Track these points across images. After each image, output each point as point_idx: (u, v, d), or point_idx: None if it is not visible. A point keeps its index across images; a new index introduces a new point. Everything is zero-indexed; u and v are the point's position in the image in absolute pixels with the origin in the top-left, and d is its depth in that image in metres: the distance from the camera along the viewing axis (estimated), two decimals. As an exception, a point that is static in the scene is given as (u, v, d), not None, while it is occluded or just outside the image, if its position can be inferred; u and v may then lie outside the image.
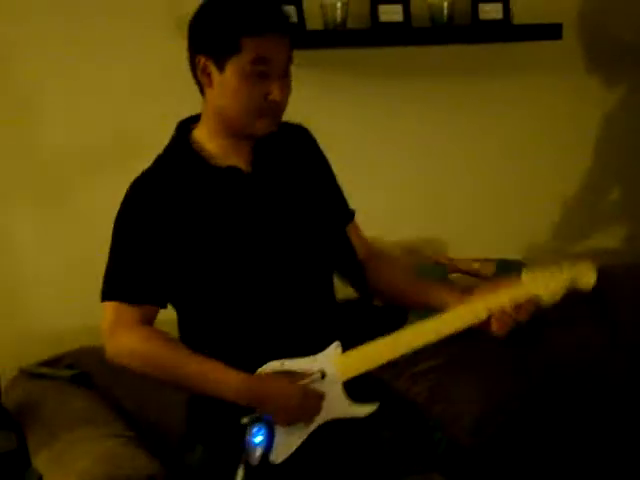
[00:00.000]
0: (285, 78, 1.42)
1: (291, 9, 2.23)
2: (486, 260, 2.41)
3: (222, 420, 1.48)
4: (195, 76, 1.44)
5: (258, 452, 1.46)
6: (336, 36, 2.30)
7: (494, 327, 1.46)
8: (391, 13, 2.38)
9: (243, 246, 1.47)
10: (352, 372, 1.49)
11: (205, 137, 1.47)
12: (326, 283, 1.58)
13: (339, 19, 2.27)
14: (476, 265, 2.37)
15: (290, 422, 1.44)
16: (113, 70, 2.26)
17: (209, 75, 1.41)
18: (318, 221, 1.56)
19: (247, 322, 1.48)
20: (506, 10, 2.42)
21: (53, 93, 2.22)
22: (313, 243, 1.54)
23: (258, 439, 1.45)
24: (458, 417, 2.22)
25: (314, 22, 2.30)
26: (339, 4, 2.26)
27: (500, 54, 2.58)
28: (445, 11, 2.37)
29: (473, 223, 2.69)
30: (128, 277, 1.44)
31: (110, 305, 1.43)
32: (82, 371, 2.08)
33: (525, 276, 1.50)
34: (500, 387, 2.26)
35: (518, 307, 1.46)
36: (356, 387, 1.50)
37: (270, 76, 1.39)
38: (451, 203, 2.67)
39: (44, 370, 2.10)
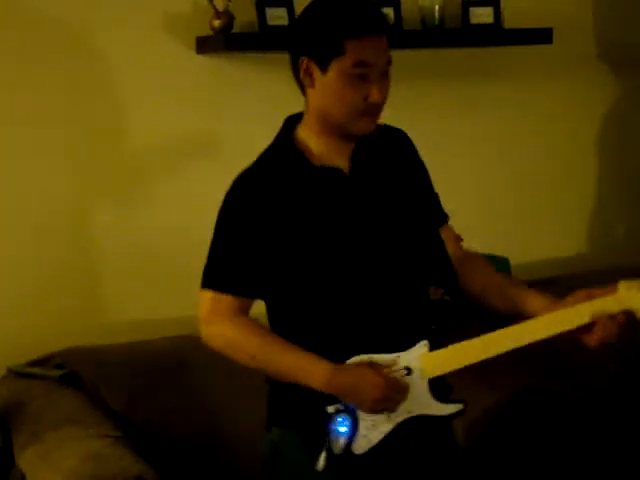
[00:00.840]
0: (384, 80, 1.45)
1: (282, 12, 2.23)
2: None
3: (306, 407, 1.51)
4: (297, 77, 1.46)
5: (342, 442, 1.48)
6: None
7: (595, 335, 1.43)
8: None
9: (338, 246, 1.50)
10: (438, 371, 1.50)
11: (308, 136, 1.50)
12: (419, 285, 1.60)
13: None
14: None
15: (375, 410, 1.46)
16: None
17: (311, 76, 1.43)
18: (413, 224, 1.58)
19: (336, 319, 1.52)
20: (497, 14, 2.45)
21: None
22: (407, 245, 1.56)
23: (342, 429, 1.48)
24: None
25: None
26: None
27: (491, 58, 2.61)
28: (436, 14, 2.39)
29: (462, 223, 2.66)
30: (227, 268, 1.49)
31: (208, 294, 1.48)
32: (71, 371, 2.07)
33: (622, 287, 1.45)
34: (489, 390, 2.25)
35: (613, 318, 1.43)
36: (440, 386, 1.52)
37: (370, 78, 1.42)
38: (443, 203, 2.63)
39: (33, 370, 2.10)
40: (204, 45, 2.24)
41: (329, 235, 1.51)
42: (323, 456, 1.48)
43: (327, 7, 1.48)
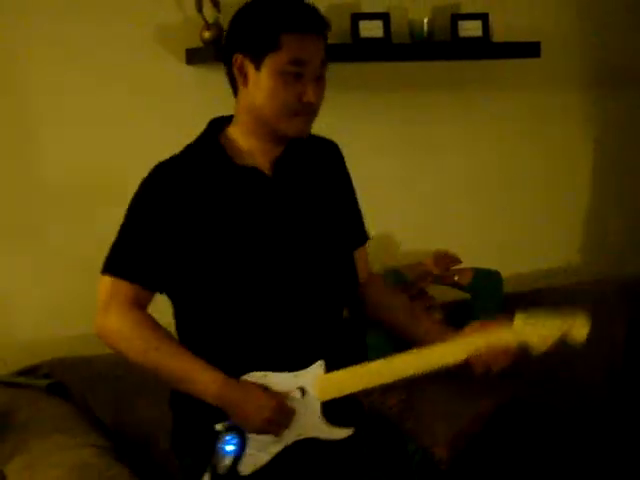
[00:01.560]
0: (320, 81, 1.43)
1: None
2: (464, 269, 2.42)
3: (196, 425, 1.49)
4: (230, 75, 1.45)
5: (227, 461, 1.45)
6: None
7: (474, 369, 1.46)
8: (372, 29, 2.40)
9: (249, 248, 1.47)
10: (331, 394, 1.48)
11: (237, 136, 1.48)
12: (326, 302, 1.57)
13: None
14: (455, 277, 2.37)
15: (259, 431, 1.44)
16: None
17: (245, 74, 1.42)
18: (329, 238, 1.56)
19: (240, 325, 1.48)
20: (485, 28, 2.46)
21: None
22: (319, 260, 1.54)
23: (229, 447, 1.45)
24: (432, 432, 2.23)
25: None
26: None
27: (479, 71, 2.64)
28: (425, 27, 2.40)
29: (453, 233, 2.72)
30: (130, 255, 1.45)
31: (108, 279, 1.44)
32: (58, 380, 2.05)
33: (518, 320, 1.48)
34: (471, 401, 2.27)
35: (505, 351, 1.45)
36: (334, 408, 1.49)
37: (305, 77, 1.40)
38: (429, 213, 2.69)
39: (19, 379, 2.08)
40: (194, 56, 2.25)
41: (240, 236, 1.47)
42: (207, 476, 1.46)
43: (265, 3, 1.47)
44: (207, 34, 2.18)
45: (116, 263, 1.46)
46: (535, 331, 1.44)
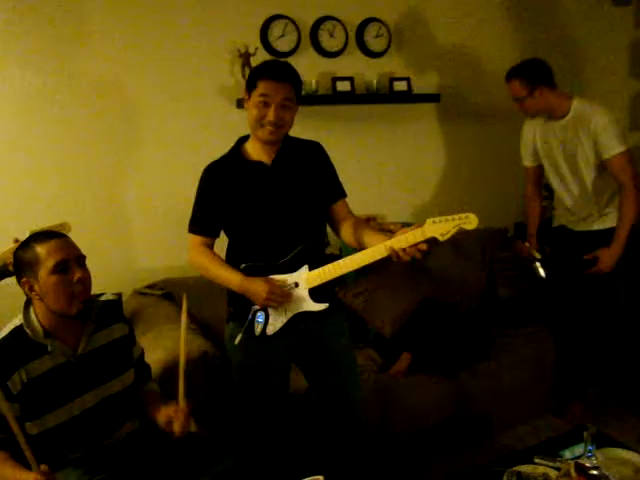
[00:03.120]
0: (283, 109, 1.71)
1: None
2: (396, 223, 2.85)
3: (242, 307, 1.83)
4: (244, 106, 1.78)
5: (260, 327, 1.79)
6: (311, 99, 2.81)
7: (394, 258, 1.70)
8: (343, 85, 2.96)
9: (257, 208, 1.79)
10: (313, 283, 1.81)
11: (249, 143, 1.83)
12: (304, 235, 1.82)
13: (314, 88, 2.86)
14: (391, 226, 2.68)
15: (264, 304, 1.77)
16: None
17: (247, 102, 1.77)
18: (307, 198, 1.83)
19: (256, 247, 1.82)
20: (409, 85, 3.09)
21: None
22: (300, 208, 1.82)
23: (260, 319, 1.78)
24: (381, 317, 2.71)
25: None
26: (313, 80, 2.86)
27: (405, 110, 3.23)
28: (374, 85, 3.00)
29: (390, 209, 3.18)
30: (195, 217, 1.84)
31: (190, 235, 1.85)
32: (168, 292, 2.62)
33: (427, 222, 1.66)
34: (404, 299, 2.73)
35: (416, 246, 1.66)
36: (316, 293, 1.81)
37: (269, 105, 1.71)
38: (379, 194, 3.20)
39: (146, 290, 2.66)
40: (240, 103, 2.70)
41: (252, 202, 1.78)
42: (239, 336, 1.80)
43: (260, 65, 1.79)
44: (249, 89, 2.69)
45: (192, 225, 1.86)
46: (439, 229, 1.63)
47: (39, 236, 1.63)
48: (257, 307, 1.74)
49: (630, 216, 2.54)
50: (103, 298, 1.83)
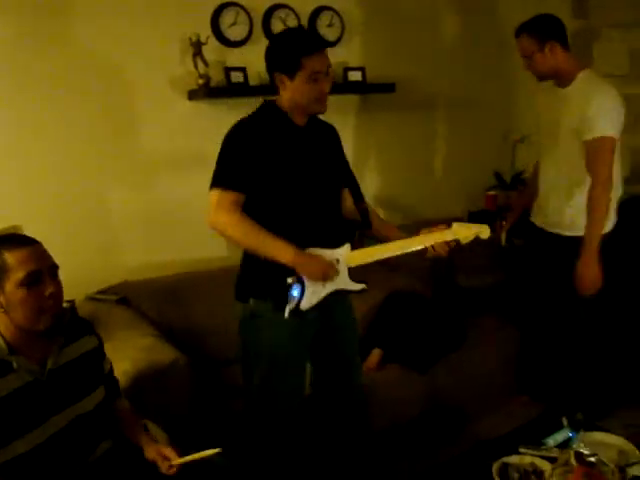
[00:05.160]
0: (328, 76, 1.75)
1: (240, 75, 2.76)
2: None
3: (273, 281, 1.77)
4: (273, 83, 1.80)
5: (295, 301, 1.74)
6: (265, 89, 2.40)
7: (428, 254, 1.79)
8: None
9: (291, 170, 1.79)
10: (355, 262, 1.82)
11: (285, 108, 1.82)
12: (336, 209, 1.89)
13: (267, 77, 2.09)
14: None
15: (317, 279, 1.76)
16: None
17: (283, 83, 1.77)
18: (338, 165, 1.92)
19: (293, 219, 1.79)
20: (363, 75, 3.08)
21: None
22: (333, 175, 1.88)
23: (295, 293, 1.73)
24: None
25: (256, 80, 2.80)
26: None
27: (359, 101, 3.23)
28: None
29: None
30: (230, 172, 1.73)
31: (216, 192, 1.71)
32: (123, 296, 2.52)
33: (454, 225, 1.79)
34: (369, 295, 2.23)
35: (447, 243, 1.77)
36: (355, 276, 1.83)
37: (320, 79, 1.75)
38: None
39: (100, 296, 2.54)
40: (192, 95, 2.71)
41: (286, 162, 1.78)
42: (288, 309, 1.74)
43: (285, 38, 1.79)
44: (200, 81, 2.64)
45: (221, 180, 1.73)
46: (463, 232, 1.77)
47: (7, 240, 1.48)
48: (291, 280, 1.71)
49: (600, 222, 2.32)
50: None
